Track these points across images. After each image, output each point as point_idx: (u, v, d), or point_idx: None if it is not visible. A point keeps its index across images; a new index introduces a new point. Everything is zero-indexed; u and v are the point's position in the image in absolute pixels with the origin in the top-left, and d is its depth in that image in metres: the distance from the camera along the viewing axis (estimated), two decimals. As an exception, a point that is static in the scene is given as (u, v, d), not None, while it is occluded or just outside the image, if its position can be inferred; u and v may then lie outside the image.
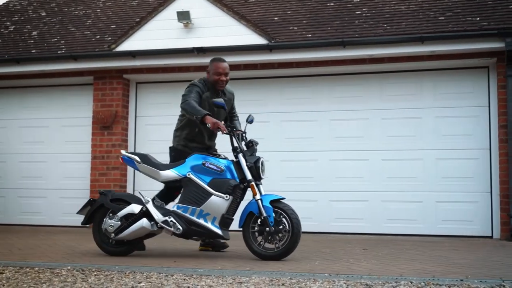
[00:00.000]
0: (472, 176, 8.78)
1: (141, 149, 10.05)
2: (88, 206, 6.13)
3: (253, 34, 9.22)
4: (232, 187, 5.72)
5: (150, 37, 9.63)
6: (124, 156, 6.19)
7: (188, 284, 4.31)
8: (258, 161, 5.84)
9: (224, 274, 4.78)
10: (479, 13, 8.85)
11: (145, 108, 10.17)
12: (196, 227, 5.77)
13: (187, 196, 5.85)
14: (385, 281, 4.40)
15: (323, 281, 4.42)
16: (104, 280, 4.47)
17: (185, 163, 5.93)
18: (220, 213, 5.74)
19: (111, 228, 5.86)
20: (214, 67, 6.17)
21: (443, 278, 4.55)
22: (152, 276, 4.68)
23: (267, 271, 4.95)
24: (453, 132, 8.89)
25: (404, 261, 5.72)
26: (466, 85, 8.89)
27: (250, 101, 9.63)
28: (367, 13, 9.51)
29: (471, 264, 5.51)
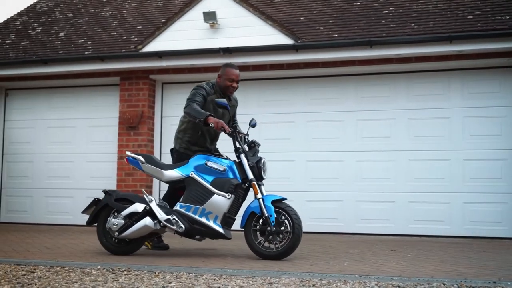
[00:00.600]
0: (500, 177, 8.67)
1: (167, 149, 10.09)
2: (93, 206, 6.22)
3: (279, 34, 9.20)
4: (234, 186, 5.83)
5: (176, 37, 9.66)
6: (129, 156, 6.29)
7: (218, 284, 4.30)
8: (260, 161, 5.94)
9: (253, 274, 4.77)
10: (508, 12, 8.74)
11: (171, 109, 10.20)
12: (199, 226, 5.87)
13: (190, 195, 5.95)
14: (417, 283, 4.36)
15: (354, 282, 4.39)
16: (134, 280, 4.49)
17: (189, 163, 6.06)
18: (222, 212, 5.84)
19: (115, 226, 5.94)
20: (227, 73, 6.22)
21: (475, 280, 4.50)
22: (182, 276, 4.69)
23: (297, 271, 4.94)
24: (481, 132, 8.79)
25: (434, 263, 5.67)
26: (494, 84, 8.79)
27: (277, 101, 9.65)
28: (394, 12, 9.44)
29: (502, 266, 5.44)
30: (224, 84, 6.21)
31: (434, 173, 8.90)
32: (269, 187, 9.30)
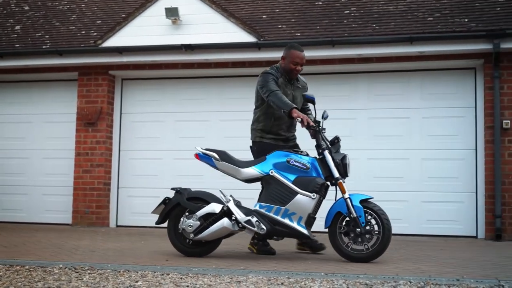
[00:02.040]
0: (457, 176, 8.84)
1: (126, 146, 9.99)
2: (162, 205, 5.88)
3: (242, 31, 9.18)
4: (319, 185, 5.52)
5: (137, 33, 9.53)
6: (200, 152, 5.95)
7: (186, 283, 4.25)
8: (345, 158, 5.64)
9: (220, 273, 4.74)
10: (467, 14, 8.91)
11: (131, 105, 10.07)
12: (281, 227, 5.54)
13: (270, 194, 5.62)
14: (383, 280, 4.40)
15: (321, 280, 4.40)
16: (99, 279, 4.40)
17: (266, 160, 5.71)
18: (307, 213, 5.51)
19: (190, 228, 5.63)
20: (291, 55, 5.90)
21: (439, 278, 4.56)
22: (147, 275, 4.62)
23: (263, 270, 4.92)
24: (439, 132, 8.95)
25: (396, 260, 5.73)
26: (453, 85, 8.95)
27: (238, 99, 9.61)
28: (356, 12, 9.53)
29: (462, 264, 5.53)
30: (288, 67, 5.91)
31: (393, 172, 9.02)
32: (227, 184, 9.32)
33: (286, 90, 5.94)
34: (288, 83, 5.98)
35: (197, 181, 9.56)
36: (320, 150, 5.67)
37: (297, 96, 6.01)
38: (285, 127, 6.00)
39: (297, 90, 6.03)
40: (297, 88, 6.03)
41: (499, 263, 5.67)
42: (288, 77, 5.97)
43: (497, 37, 8.23)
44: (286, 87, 5.96)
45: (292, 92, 5.98)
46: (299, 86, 6.06)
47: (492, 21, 8.61)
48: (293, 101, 5.90)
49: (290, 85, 6.00)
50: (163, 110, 9.93)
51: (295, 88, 6.03)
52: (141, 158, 9.94)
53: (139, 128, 9.98)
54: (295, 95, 6.00)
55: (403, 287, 4.15)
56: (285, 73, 5.96)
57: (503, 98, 8.49)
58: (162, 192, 9.67)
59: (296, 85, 6.05)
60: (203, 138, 9.69)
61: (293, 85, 6.02)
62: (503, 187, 8.39)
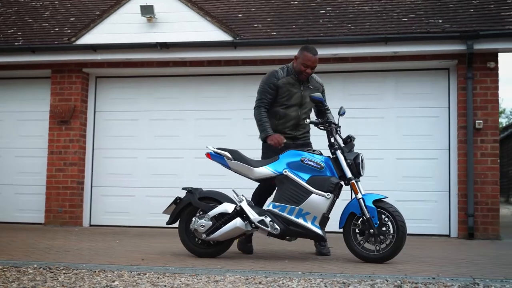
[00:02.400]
0: (431, 175, 8.92)
1: (100, 145, 9.89)
2: (173, 205, 5.80)
3: (218, 30, 9.14)
4: (334, 184, 5.48)
5: (112, 30, 9.44)
6: (211, 152, 5.87)
7: (163, 282, 4.23)
8: (358, 157, 5.60)
9: (197, 272, 4.72)
10: (441, 15, 9.00)
11: (105, 103, 9.97)
12: (295, 227, 5.51)
13: (284, 194, 5.58)
14: (360, 279, 4.42)
15: (299, 279, 4.41)
16: (75, 279, 4.35)
17: (280, 160, 5.66)
18: (321, 212, 5.48)
19: (202, 228, 5.57)
20: (303, 57, 5.87)
21: (415, 276, 4.61)
22: (123, 274, 4.59)
23: (240, 269, 4.92)
24: (413, 132, 9.02)
25: (372, 259, 5.75)
26: (427, 86, 9.03)
27: (214, 98, 9.59)
28: (331, 12, 9.56)
29: (437, 262, 5.59)
30: (299, 68, 5.89)
31: (367, 172, 8.94)
32: (203, 184, 9.29)
33: (293, 89, 5.92)
34: (297, 82, 5.95)
35: (173, 180, 9.53)
36: (333, 150, 5.66)
37: (306, 96, 5.95)
38: (290, 126, 5.99)
39: (307, 91, 5.96)
40: (307, 89, 5.98)
41: (473, 261, 5.74)
42: (298, 77, 5.95)
43: (471, 38, 8.32)
44: (294, 86, 5.93)
45: (301, 92, 5.94)
46: (310, 87, 6.00)
47: (466, 22, 8.71)
48: (301, 101, 5.93)
49: (300, 85, 5.96)
50: (138, 109, 9.86)
51: (305, 88, 5.98)
52: (115, 156, 9.85)
53: (113, 126, 9.89)
54: (304, 95, 5.95)
55: (380, 285, 4.18)
56: (295, 73, 5.96)
57: (476, 99, 8.59)
58: (137, 191, 9.68)
59: (307, 86, 6.00)
60: (178, 137, 9.66)
61: (304, 85, 5.98)
62: (476, 186, 8.49)
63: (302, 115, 5.97)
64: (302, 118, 5.97)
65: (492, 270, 5.08)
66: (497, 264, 5.49)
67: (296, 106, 5.95)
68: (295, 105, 5.94)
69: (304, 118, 5.97)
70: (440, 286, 4.17)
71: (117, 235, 8.11)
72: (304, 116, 5.98)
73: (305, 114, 6.01)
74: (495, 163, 8.56)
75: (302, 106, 5.97)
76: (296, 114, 5.95)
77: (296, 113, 5.95)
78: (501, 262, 5.70)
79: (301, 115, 5.97)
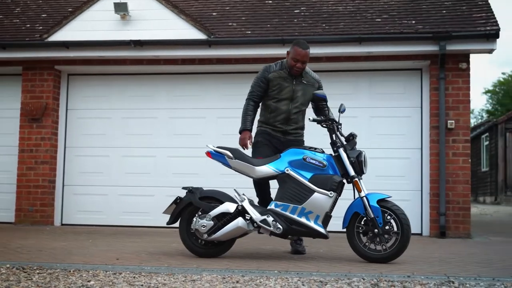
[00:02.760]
0: (404, 175, 9.00)
1: (72, 143, 9.78)
2: (173, 205, 5.73)
3: (192, 28, 9.11)
4: (337, 183, 5.45)
5: (85, 28, 9.33)
6: (212, 150, 5.80)
7: (140, 282, 4.20)
8: (361, 155, 5.58)
9: (173, 271, 4.70)
10: (414, 16, 9.09)
11: (77, 101, 9.85)
12: (298, 226, 5.47)
13: (286, 193, 5.54)
14: (337, 278, 4.44)
15: (276, 278, 4.42)
16: (50, 279, 4.29)
17: (281, 158, 5.64)
18: (324, 211, 5.45)
19: (203, 228, 5.50)
20: (293, 52, 5.90)
21: (391, 275, 4.65)
22: (99, 274, 4.54)
23: (216, 268, 4.91)
24: (386, 131, 9.09)
25: (347, 257, 5.77)
26: (400, 86, 9.11)
27: (188, 96, 9.56)
28: (306, 12, 9.59)
29: (411, 261, 5.63)
30: (289, 63, 5.91)
31: (341, 171, 9.09)
32: (176, 182, 9.26)
33: (284, 83, 5.94)
34: (289, 76, 5.97)
35: (146, 179, 9.49)
36: (335, 148, 5.65)
37: (298, 90, 5.97)
38: (281, 119, 5.99)
39: (299, 85, 5.98)
40: (300, 84, 5.99)
41: (446, 259, 5.81)
42: (290, 72, 5.97)
43: (443, 39, 8.42)
44: (285, 80, 5.95)
45: (292, 86, 5.95)
46: (303, 82, 6.02)
47: (438, 23, 8.81)
48: (292, 95, 5.95)
49: (292, 79, 5.97)
50: (111, 107, 9.76)
51: (298, 83, 5.98)
52: (87, 155, 9.74)
53: (85, 124, 9.78)
54: (296, 89, 5.96)
55: (357, 284, 4.21)
56: (288, 68, 5.99)
57: (448, 99, 8.69)
58: (110, 190, 9.60)
59: (300, 81, 6.01)
60: (151, 136, 9.60)
61: (296, 79, 5.99)
62: (447, 185, 8.60)
63: (293, 109, 5.96)
64: (293, 113, 5.97)
65: (465, 268, 5.15)
66: (470, 263, 5.57)
67: (287, 100, 5.95)
68: (286, 99, 5.95)
69: (295, 113, 5.98)
70: (416, 284, 4.22)
71: (90, 235, 8.03)
72: (295, 111, 5.98)
73: (296, 108, 5.99)
74: (466, 162, 8.68)
75: (293, 101, 5.97)
76: (286, 108, 5.95)
77: (286, 107, 5.95)
78: (473, 260, 5.77)
79: (291, 109, 5.97)
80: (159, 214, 9.32)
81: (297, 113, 6.02)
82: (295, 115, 5.99)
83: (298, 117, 6.06)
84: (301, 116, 6.12)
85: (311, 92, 6.01)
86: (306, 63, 5.95)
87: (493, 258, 5.93)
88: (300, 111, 6.08)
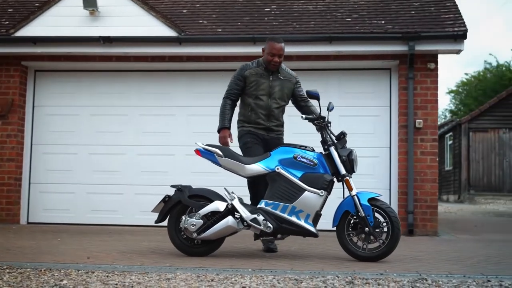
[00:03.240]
0: (372, 173, 9.08)
1: (39, 140, 9.63)
2: (161, 203, 5.64)
3: (163, 25, 9.04)
4: (327, 182, 5.46)
5: (53, 23, 9.19)
6: (201, 148, 5.73)
7: (113, 281, 4.15)
8: (351, 153, 5.60)
9: (146, 270, 4.66)
10: (383, 16, 9.18)
11: (44, 98, 9.70)
12: (288, 225, 5.46)
13: (277, 192, 5.52)
14: (311, 276, 4.46)
15: (251, 276, 4.42)
16: (21, 278, 4.22)
17: (271, 156, 5.62)
18: (315, 210, 5.45)
19: (192, 227, 5.44)
20: (269, 47, 5.94)
21: (364, 272, 4.68)
22: (71, 273, 4.48)
23: (189, 267, 4.89)
24: (355, 130, 9.07)
25: (319, 255, 5.81)
26: (369, 85, 9.19)
27: (158, 94, 9.48)
28: (276, 10, 9.60)
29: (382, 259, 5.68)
30: (266, 59, 5.96)
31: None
32: (145, 180, 9.21)
33: (261, 79, 5.98)
34: (266, 72, 6.01)
35: (115, 177, 9.40)
36: (326, 146, 5.65)
37: (275, 86, 6.01)
38: (263, 116, 6.00)
39: (277, 81, 6.02)
40: (277, 79, 6.03)
41: (416, 257, 5.88)
42: (267, 68, 6.01)
43: (412, 39, 8.52)
44: (262, 76, 5.99)
45: (269, 81, 5.99)
46: (280, 77, 6.05)
47: (407, 23, 8.91)
48: (270, 91, 5.98)
49: (269, 75, 6.01)
50: (79, 104, 9.63)
51: (275, 78, 6.02)
52: (54, 152, 9.60)
53: (53, 121, 9.63)
54: (273, 85, 6.00)
55: (332, 281, 4.23)
56: (265, 64, 6.03)
57: (416, 99, 8.80)
58: (77, 188, 9.47)
59: (277, 76, 6.05)
60: (121, 133, 9.51)
61: (273, 75, 6.03)
62: (415, 184, 8.71)
63: (273, 104, 5.99)
64: (274, 108, 6.00)
65: (436, 265, 5.22)
66: (440, 260, 5.64)
67: (265, 96, 5.99)
68: (264, 94, 5.98)
69: (275, 108, 6.01)
70: (390, 282, 4.26)
71: (58, 233, 7.91)
72: (275, 106, 6.00)
73: (275, 103, 6.01)
74: (434, 161, 8.81)
75: (271, 96, 6.00)
76: (266, 104, 5.98)
77: (266, 103, 5.98)
78: (443, 258, 5.86)
79: (271, 104, 6.00)
80: (128, 212, 9.37)
81: (278, 109, 6.06)
82: (276, 110, 6.04)
83: (278, 113, 6.11)
84: (281, 112, 6.17)
85: (289, 87, 6.11)
86: (282, 57, 6.01)
87: (461, 256, 6.02)
88: (280, 107, 6.11)
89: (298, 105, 6.23)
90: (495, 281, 4.30)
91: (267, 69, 6.02)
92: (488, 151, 22.83)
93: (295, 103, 6.28)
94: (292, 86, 6.15)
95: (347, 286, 4.08)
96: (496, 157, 22.73)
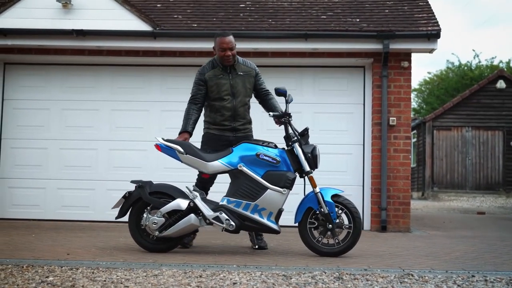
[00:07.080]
0: (346, 170, 9.16)
1: (8, 135, 9.43)
2: (122, 199, 5.55)
3: (137, 20, 8.94)
4: (290, 180, 5.47)
5: (24, 15, 8.99)
6: (162, 144, 5.62)
7: (101, 277, 4.10)
8: (315, 150, 5.61)
9: (130, 266, 4.62)
10: (358, 14, 9.25)
11: (14, 91, 9.49)
12: (250, 223, 5.46)
13: (239, 189, 5.50)
14: (299, 271, 4.48)
15: (238, 272, 4.42)
16: (5, 275, 4.13)
17: (234, 153, 5.57)
18: (277, 208, 5.46)
19: (154, 225, 5.39)
20: (217, 43, 5.87)
21: (349, 268, 4.72)
22: (55, 270, 4.41)
23: (173, 263, 4.86)
24: (329, 127, 9.20)
25: (299, 252, 5.81)
26: (344, 83, 9.25)
27: (131, 88, 9.37)
28: (251, 7, 9.59)
29: (361, 255, 5.73)
30: (219, 56, 5.87)
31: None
32: (117, 176, 9.09)
33: (221, 80, 5.91)
34: (224, 72, 5.94)
35: (86, 172, 9.27)
36: (290, 142, 5.63)
37: (236, 84, 5.94)
38: (228, 117, 5.93)
39: (237, 78, 5.96)
40: (237, 76, 5.96)
41: (395, 253, 5.95)
42: (223, 65, 5.93)
43: (387, 37, 8.60)
44: (221, 77, 5.92)
45: (229, 81, 5.92)
46: (239, 74, 5.98)
47: (382, 22, 8.99)
48: (231, 90, 5.91)
49: (228, 74, 5.94)
50: (49, 98, 9.45)
51: (234, 76, 5.95)
52: (24, 147, 9.40)
53: (22, 115, 9.44)
54: (234, 84, 5.93)
55: (320, 277, 4.25)
56: (220, 63, 5.95)
57: (390, 96, 8.89)
58: (48, 183, 9.31)
59: (236, 73, 5.97)
60: (92, 128, 9.37)
61: (232, 73, 5.96)
62: (389, 181, 8.80)
63: (238, 104, 5.92)
64: (239, 107, 5.93)
65: (417, 261, 5.30)
66: (418, 256, 5.72)
67: (229, 97, 5.92)
68: (228, 95, 5.91)
69: (240, 107, 5.94)
70: (378, 277, 4.30)
71: (30, 229, 7.77)
72: (240, 105, 5.94)
73: (240, 102, 5.95)
74: (406, 158, 8.92)
75: (235, 96, 5.93)
76: (231, 105, 5.91)
77: (231, 104, 5.91)
78: (420, 253, 5.94)
79: (236, 104, 5.92)
80: (100, 208, 9.25)
81: (243, 107, 5.99)
82: (241, 109, 5.96)
83: (244, 112, 6.04)
84: (247, 110, 6.11)
85: (251, 82, 6.04)
86: (234, 49, 5.92)
87: (437, 251, 6.12)
88: (245, 105, 6.05)
89: (260, 98, 6.20)
90: (479, 277, 4.39)
91: (224, 67, 5.95)
92: (451, 149, 23.27)
93: (256, 97, 6.22)
94: (253, 80, 6.06)
95: (337, 282, 4.11)
96: (459, 155, 23.18)
